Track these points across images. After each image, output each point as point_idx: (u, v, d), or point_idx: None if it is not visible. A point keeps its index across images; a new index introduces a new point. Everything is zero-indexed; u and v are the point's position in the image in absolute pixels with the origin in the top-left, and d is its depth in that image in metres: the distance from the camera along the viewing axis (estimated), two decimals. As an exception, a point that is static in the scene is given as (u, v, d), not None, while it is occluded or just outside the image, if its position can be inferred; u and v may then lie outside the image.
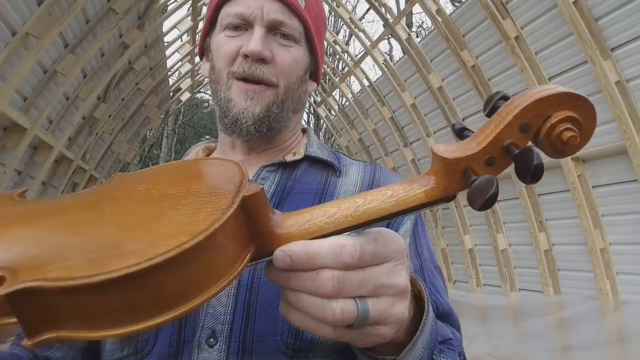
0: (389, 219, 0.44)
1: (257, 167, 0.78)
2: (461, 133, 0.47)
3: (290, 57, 0.76)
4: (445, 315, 0.71)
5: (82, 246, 0.37)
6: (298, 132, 0.87)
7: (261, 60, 0.73)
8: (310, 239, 0.42)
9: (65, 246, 0.38)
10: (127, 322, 0.34)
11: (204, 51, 0.85)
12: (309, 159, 0.80)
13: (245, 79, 0.74)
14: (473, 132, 0.47)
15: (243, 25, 0.75)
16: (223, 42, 0.76)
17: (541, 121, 0.44)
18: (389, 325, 0.44)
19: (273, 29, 0.75)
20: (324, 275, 0.40)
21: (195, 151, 0.88)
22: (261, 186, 0.42)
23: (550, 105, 0.43)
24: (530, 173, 0.40)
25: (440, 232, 8.16)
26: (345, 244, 0.41)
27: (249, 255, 0.41)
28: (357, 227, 0.43)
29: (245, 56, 0.73)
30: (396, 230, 0.72)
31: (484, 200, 0.40)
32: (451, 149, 0.45)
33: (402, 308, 0.44)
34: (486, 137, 0.44)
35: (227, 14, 0.76)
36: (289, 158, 0.79)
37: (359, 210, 0.43)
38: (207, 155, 0.87)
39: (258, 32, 0.73)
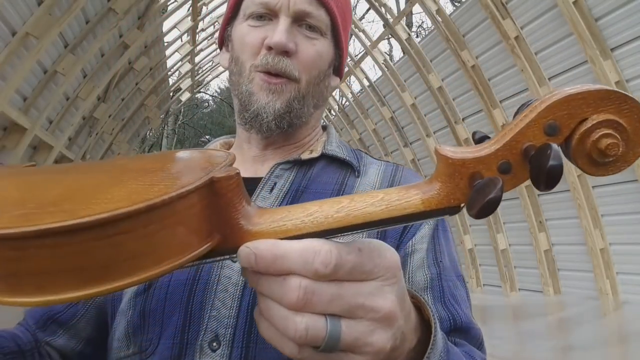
0: (378, 226, 0.38)
1: (272, 164, 0.74)
2: (481, 142, 0.40)
3: (315, 50, 0.73)
4: (464, 330, 0.64)
5: (24, 202, 0.36)
6: (318, 128, 0.83)
7: (285, 52, 0.70)
8: (282, 238, 0.36)
9: (9, 201, 0.36)
10: (46, 289, 0.31)
11: (223, 40, 0.80)
12: (327, 158, 0.76)
13: (268, 72, 0.70)
14: None
15: (267, 15, 0.72)
16: (246, 33, 0.73)
17: (574, 124, 0.36)
18: (364, 356, 0.37)
19: (299, 19, 0.71)
20: (290, 283, 0.35)
21: (212, 147, 0.85)
22: (237, 170, 0.38)
23: (587, 104, 0.36)
24: (545, 176, 0.33)
25: (440, 232, 8.17)
26: (320, 249, 0.35)
27: (207, 245, 0.36)
28: (339, 231, 0.37)
29: (269, 48, 0.70)
30: (412, 236, 0.69)
31: (482, 205, 0.34)
32: (459, 150, 0.38)
33: (382, 337, 0.37)
34: (503, 137, 0.37)
35: (252, 2, 0.73)
36: (305, 156, 0.75)
37: (342, 212, 0.37)
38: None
39: (283, 23, 0.70)
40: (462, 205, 0.38)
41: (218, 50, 0.84)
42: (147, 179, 0.37)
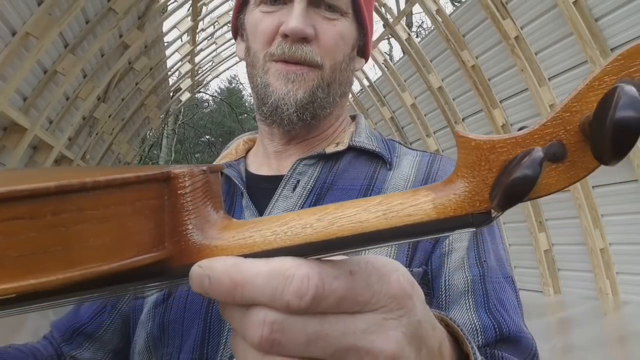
0: (375, 242, 0.27)
1: (295, 159, 0.68)
2: None
3: (336, 32, 0.65)
4: (512, 341, 0.56)
5: None
6: (344, 117, 0.76)
7: (303, 39, 0.63)
8: (248, 255, 0.28)
9: None
10: None
11: (237, 30, 0.74)
12: (355, 150, 0.69)
13: (285, 61, 0.64)
14: None
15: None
16: (259, 20, 0.66)
17: None
18: None
19: (316, 0, 0.65)
20: (252, 316, 0.26)
21: (235, 144, 0.80)
22: (204, 168, 0.31)
23: None
24: (609, 135, 0.22)
25: (440, 232, 8.16)
26: (295, 273, 0.26)
27: (148, 255, 0.27)
28: (323, 247, 0.27)
29: (285, 35, 0.63)
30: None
31: (505, 187, 0.24)
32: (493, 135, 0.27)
33: None
34: (553, 111, 0.26)
35: None
36: (330, 149, 0.68)
37: (325, 220, 0.27)
38: (249, 148, 0.79)
39: (299, 6, 0.63)
40: (491, 211, 0.27)
41: (224, 44, 0.78)
42: (96, 173, 0.29)
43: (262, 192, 0.68)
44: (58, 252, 0.24)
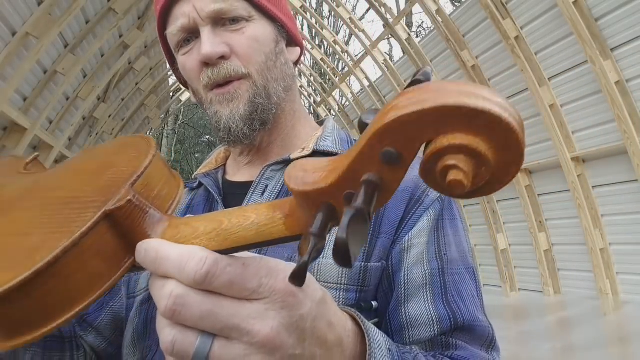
0: (255, 248, 0.36)
1: (263, 166, 0.73)
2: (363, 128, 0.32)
3: (246, 38, 0.70)
4: (467, 329, 0.61)
5: None
6: (301, 113, 0.79)
7: (221, 58, 0.68)
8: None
9: None
10: None
11: (182, 81, 0.81)
12: (320, 154, 0.72)
13: (218, 85, 0.70)
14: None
15: (192, 36, 0.71)
16: (184, 62, 0.72)
17: (418, 148, 0.28)
18: None
19: (217, 21, 0.69)
20: (164, 289, 0.34)
21: (216, 154, 0.85)
22: (129, 197, 0.37)
23: (425, 124, 0.27)
24: (333, 252, 0.27)
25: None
26: (195, 255, 0.34)
27: (123, 269, 0.37)
28: (226, 250, 0.36)
29: (205, 64, 0.69)
30: (409, 230, 0.64)
31: (292, 272, 0.30)
32: (309, 175, 0.33)
33: None
34: (340, 166, 0.31)
35: (172, 35, 0.72)
36: (295, 155, 0.72)
37: (222, 234, 0.36)
38: (229, 156, 0.84)
39: (204, 33, 0.68)
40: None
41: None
42: (57, 217, 0.38)
43: (236, 197, 0.73)
44: (56, 304, 0.34)
